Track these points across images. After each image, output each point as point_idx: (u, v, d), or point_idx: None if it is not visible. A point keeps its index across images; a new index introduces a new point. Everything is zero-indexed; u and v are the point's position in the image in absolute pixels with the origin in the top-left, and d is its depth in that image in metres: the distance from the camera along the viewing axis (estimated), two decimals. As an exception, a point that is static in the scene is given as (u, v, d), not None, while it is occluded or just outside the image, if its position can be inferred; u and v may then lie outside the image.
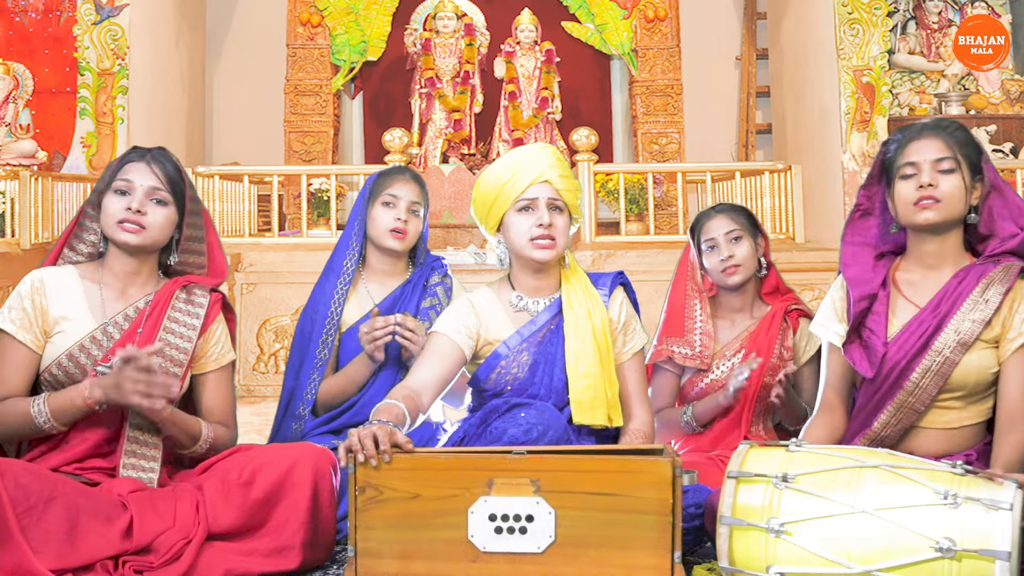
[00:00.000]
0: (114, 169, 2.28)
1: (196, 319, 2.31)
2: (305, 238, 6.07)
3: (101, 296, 2.26)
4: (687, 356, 2.80)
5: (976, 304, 2.14)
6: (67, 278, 2.27)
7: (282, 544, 2.09)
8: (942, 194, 2.16)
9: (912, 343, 2.17)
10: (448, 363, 2.36)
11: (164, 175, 2.27)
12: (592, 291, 2.43)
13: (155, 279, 2.33)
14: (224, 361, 2.39)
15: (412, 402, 2.22)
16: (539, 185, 2.36)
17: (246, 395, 5.44)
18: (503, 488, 1.90)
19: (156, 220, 2.25)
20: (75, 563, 1.94)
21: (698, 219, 2.91)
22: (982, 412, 2.21)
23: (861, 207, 2.34)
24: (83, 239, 2.33)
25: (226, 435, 2.34)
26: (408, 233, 2.77)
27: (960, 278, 2.18)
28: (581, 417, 2.33)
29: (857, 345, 2.25)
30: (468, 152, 7.55)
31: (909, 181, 2.19)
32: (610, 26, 7.97)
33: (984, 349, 2.16)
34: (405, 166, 3.10)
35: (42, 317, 2.22)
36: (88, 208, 2.32)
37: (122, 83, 6.59)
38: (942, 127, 2.22)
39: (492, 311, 2.43)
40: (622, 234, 6.04)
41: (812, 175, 6.63)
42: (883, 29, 6.69)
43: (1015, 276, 2.15)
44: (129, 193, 2.24)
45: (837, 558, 1.77)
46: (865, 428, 2.23)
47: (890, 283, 2.27)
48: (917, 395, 2.16)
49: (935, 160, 2.17)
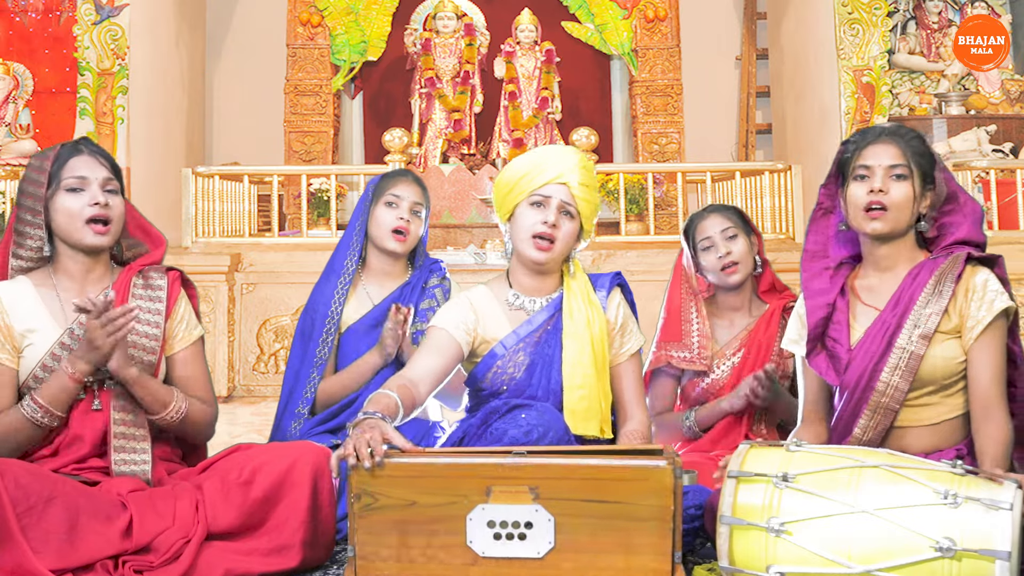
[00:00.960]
0: (54, 169, 2.20)
1: (159, 303, 2.28)
2: (305, 238, 6.06)
3: (59, 301, 2.23)
4: (686, 359, 2.80)
5: (931, 298, 2.18)
6: (22, 290, 2.23)
7: (282, 543, 2.09)
8: (891, 201, 2.20)
9: (876, 345, 2.21)
10: (446, 357, 2.35)
11: (110, 164, 2.25)
12: (593, 299, 2.42)
13: (109, 272, 2.30)
14: (192, 337, 2.35)
15: (407, 392, 2.20)
16: (556, 185, 2.35)
17: (246, 395, 5.45)
18: (501, 496, 1.89)
19: (117, 211, 2.23)
20: (75, 563, 1.94)
21: (691, 220, 2.92)
22: (960, 405, 2.23)
23: (822, 205, 2.37)
24: (24, 245, 2.25)
25: (204, 409, 2.32)
26: (409, 234, 2.79)
27: (914, 275, 2.22)
28: (574, 427, 2.33)
29: (823, 356, 2.29)
30: (468, 152, 7.54)
31: (861, 184, 2.23)
32: (610, 26, 7.97)
33: (947, 340, 2.19)
34: (408, 169, 3.12)
35: (8, 333, 2.19)
36: (24, 214, 2.23)
37: (122, 83, 6.59)
38: (899, 134, 2.26)
39: (489, 309, 2.43)
40: (622, 234, 6.05)
41: (812, 175, 6.62)
42: (883, 29, 6.69)
43: (963, 263, 2.19)
44: (84, 189, 2.19)
45: (837, 558, 1.77)
46: (846, 435, 2.25)
47: (848, 292, 2.31)
48: (890, 394, 2.19)
49: (889, 166, 2.22)
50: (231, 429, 4.36)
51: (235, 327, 5.48)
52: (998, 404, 2.15)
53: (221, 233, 6.09)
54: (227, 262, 5.41)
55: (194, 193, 5.85)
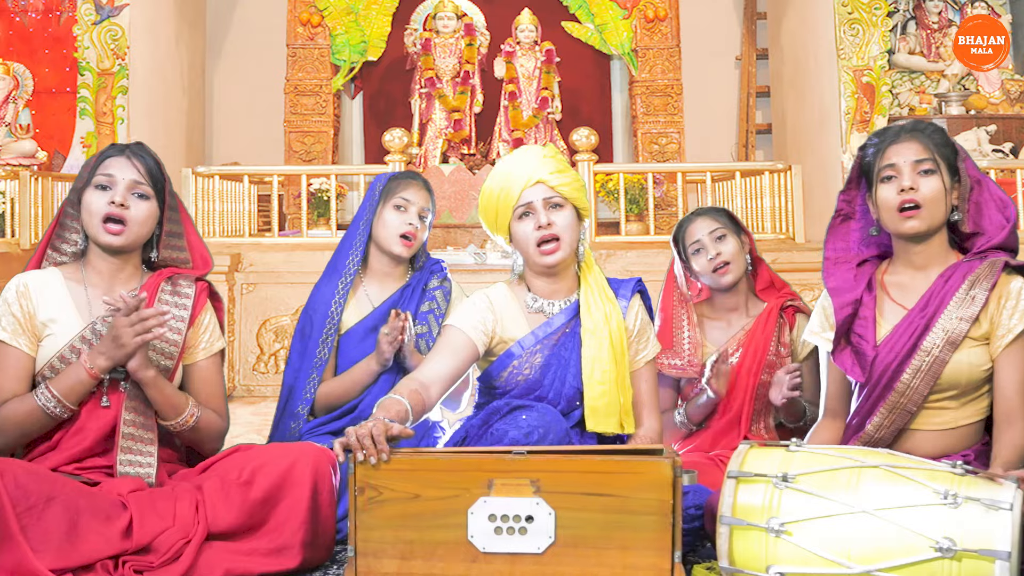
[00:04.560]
0: (93, 165, 2.25)
1: (184, 310, 2.30)
2: (305, 238, 6.07)
3: (87, 295, 2.25)
4: (676, 367, 2.81)
5: (963, 302, 2.15)
6: (51, 280, 2.25)
7: (282, 543, 2.09)
8: (923, 198, 2.17)
9: (902, 344, 2.18)
10: (461, 358, 2.34)
11: (145, 169, 2.26)
12: (609, 294, 2.42)
13: (139, 274, 2.32)
14: (214, 349, 2.37)
15: (417, 396, 2.20)
16: (531, 188, 2.34)
17: (246, 395, 5.44)
18: (503, 489, 1.89)
19: (138, 214, 2.23)
20: (75, 563, 1.94)
21: (680, 226, 2.92)
22: (979, 411, 2.21)
23: (841, 212, 2.35)
24: (66, 239, 2.30)
25: (216, 422, 2.34)
26: (416, 239, 2.78)
27: (947, 277, 2.19)
28: (595, 424, 2.32)
29: (848, 351, 2.26)
30: (468, 152, 7.55)
31: (890, 184, 2.20)
32: (610, 26, 7.98)
33: (975, 347, 2.16)
34: (418, 172, 3.10)
35: (30, 321, 2.21)
36: (68, 207, 2.29)
37: (122, 83, 6.60)
38: (919, 129, 2.23)
39: (509, 309, 2.42)
40: (622, 234, 6.05)
41: (812, 175, 6.63)
42: (883, 29, 6.69)
43: (999, 271, 2.16)
44: (111, 187, 2.22)
45: (837, 558, 1.77)
46: (859, 431, 2.23)
47: (876, 287, 2.28)
48: (909, 395, 2.17)
49: (915, 162, 2.18)
50: (231, 429, 4.33)
51: (235, 327, 5.48)
52: (1021, 414, 2.12)
53: (221, 233, 6.09)
54: (227, 262, 5.41)
55: (194, 193, 5.85)
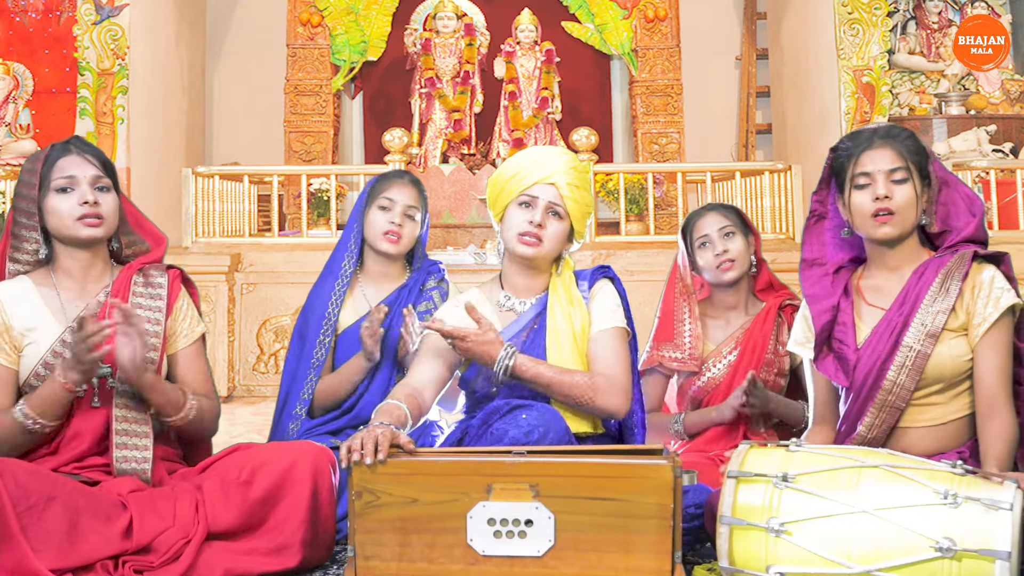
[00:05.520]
0: (42, 171, 2.21)
1: (159, 300, 2.29)
2: (305, 238, 6.06)
3: (60, 299, 2.24)
4: (677, 360, 2.82)
5: (938, 295, 2.17)
6: (22, 289, 2.24)
7: (282, 543, 2.09)
8: (897, 206, 2.19)
9: (883, 344, 2.20)
10: (446, 361, 2.37)
11: (100, 162, 2.25)
12: (575, 295, 2.42)
13: (109, 269, 2.31)
14: (195, 335, 2.36)
15: (414, 401, 2.24)
16: (544, 186, 2.36)
17: (246, 395, 5.45)
18: (502, 493, 1.89)
19: (108, 207, 2.23)
20: (75, 563, 1.94)
21: (689, 218, 2.93)
22: (968, 405, 2.22)
23: (815, 212, 2.37)
24: (22, 248, 2.26)
25: (209, 406, 2.33)
26: (403, 237, 2.77)
27: (920, 273, 2.22)
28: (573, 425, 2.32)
29: (830, 358, 2.29)
30: (468, 152, 7.55)
31: (864, 192, 2.22)
32: (610, 26, 7.97)
33: (954, 339, 2.18)
34: (405, 170, 3.10)
35: (7, 332, 2.20)
36: (20, 217, 2.24)
37: (122, 83, 6.59)
38: (892, 135, 2.24)
39: (482, 311, 2.43)
40: (622, 234, 6.05)
41: (812, 175, 6.58)
42: (883, 29, 6.69)
43: (969, 261, 2.19)
44: (73, 188, 2.20)
45: (837, 558, 1.77)
46: (851, 433, 2.25)
47: (852, 292, 2.30)
48: (896, 392, 2.19)
49: (889, 171, 2.20)
50: (231, 429, 4.36)
51: (235, 327, 5.48)
52: (1003, 401, 2.14)
53: (221, 233, 6.09)
54: (227, 262, 5.41)
55: (194, 193, 5.85)
